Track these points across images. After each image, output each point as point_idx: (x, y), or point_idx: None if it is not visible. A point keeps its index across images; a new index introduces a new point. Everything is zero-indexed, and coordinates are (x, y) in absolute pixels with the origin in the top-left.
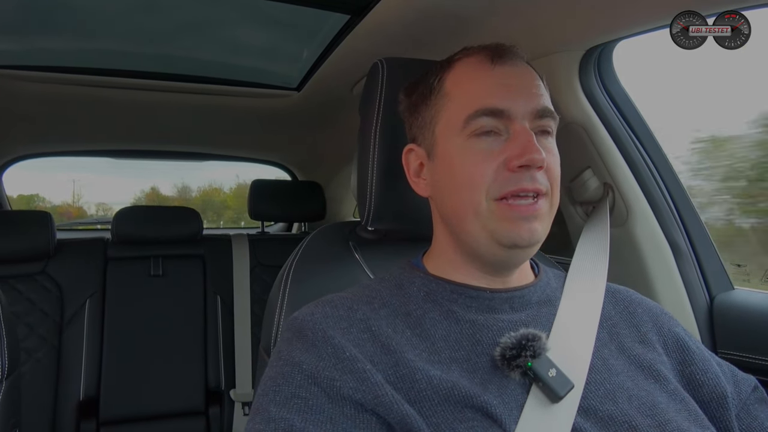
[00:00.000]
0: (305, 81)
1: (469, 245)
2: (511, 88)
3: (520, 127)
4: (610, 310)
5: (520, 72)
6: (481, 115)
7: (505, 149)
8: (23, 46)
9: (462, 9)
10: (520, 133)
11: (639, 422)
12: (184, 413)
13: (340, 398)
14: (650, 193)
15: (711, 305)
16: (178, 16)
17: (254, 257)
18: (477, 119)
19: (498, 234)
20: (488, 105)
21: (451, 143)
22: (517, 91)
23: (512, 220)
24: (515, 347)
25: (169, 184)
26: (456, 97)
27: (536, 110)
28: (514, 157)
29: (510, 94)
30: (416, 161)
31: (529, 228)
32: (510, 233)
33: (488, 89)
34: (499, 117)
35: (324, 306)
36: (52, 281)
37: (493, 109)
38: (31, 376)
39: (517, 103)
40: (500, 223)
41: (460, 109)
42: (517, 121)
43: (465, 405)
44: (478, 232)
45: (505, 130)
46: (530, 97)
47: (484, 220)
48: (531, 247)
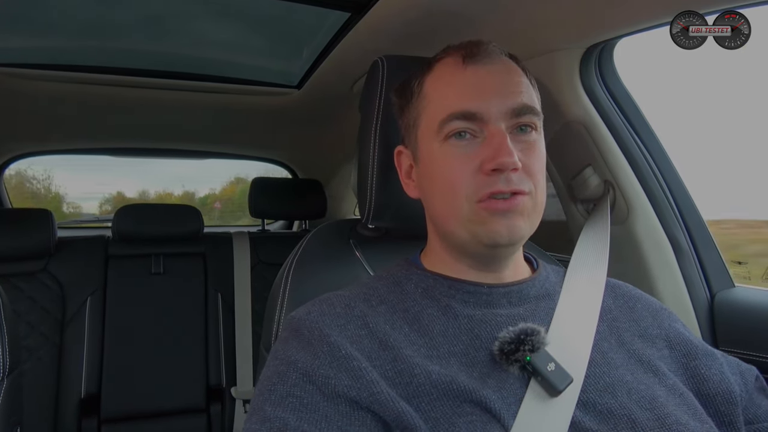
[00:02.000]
0: (305, 79)
1: (455, 244)
2: (483, 88)
3: (494, 129)
4: (610, 304)
5: (494, 71)
6: (453, 119)
7: (480, 152)
8: (24, 43)
9: (462, 6)
10: (494, 135)
11: (638, 416)
12: (185, 411)
13: (335, 396)
14: (651, 190)
15: (712, 302)
16: (178, 13)
17: (255, 255)
18: (450, 123)
19: (479, 235)
20: (460, 108)
21: (431, 147)
22: (489, 91)
23: (490, 218)
24: (514, 342)
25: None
26: (433, 100)
27: (512, 109)
28: (486, 161)
29: (482, 96)
30: (406, 162)
31: (507, 224)
32: (489, 233)
33: (460, 92)
34: (472, 120)
35: (321, 304)
36: (53, 279)
37: (464, 113)
38: (33, 374)
39: (490, 105)
40: (480, 223)
41: (435, 112)
42: (491, 122)
43: (464, 399)
44: (462, 234)
45: (480, 132)
46: (505, 96)
47: (465, 222)
48: (512, 244)
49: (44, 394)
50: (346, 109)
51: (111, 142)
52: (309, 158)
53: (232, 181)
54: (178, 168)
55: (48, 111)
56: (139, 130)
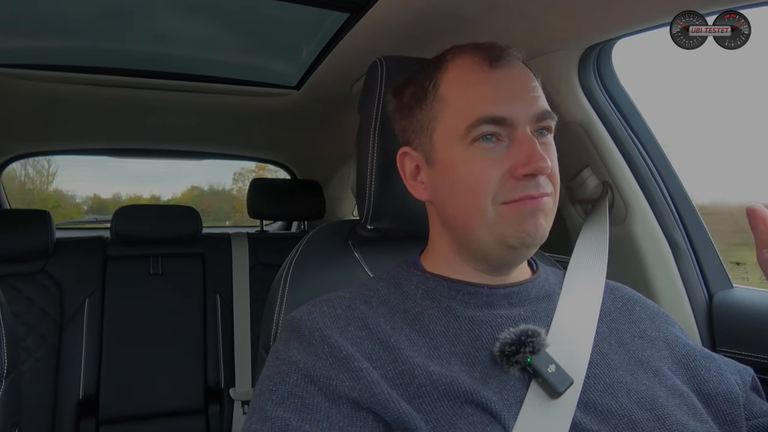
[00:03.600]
0: (304, 80)
1: (473, 248)
2: (511, 93)
3: (522, 134)
4: (609, 305)
5: (517, 75)
6: (483, 123)
7: (509, 156)
8: (22, 44)
9: (461, 7)
10: (523, 140)
11: (638, 416)
12: (183, 412)
13: (337, 397)
14: (649, 191)
15: (710, 303)
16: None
17: (254, 256)
18: (479, 127)
19: (506, 236)
20: (490, 113)
21: (453, 150)
22: (517, 96)
23: (519, 217)
24: (514, 343)
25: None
26: (454, 103)
27: (536, 114)
28: (519, 165)
29: (510, 100)
30: (412, 164)
31: (534, 223)
32: (518, 233)
33: (488, 96)
34: (500, 124)
35: (321, 305)
36: (51, 280)
37: (494, 117)
38: (31, 375)
39: (518, 110)
40: (508, 225)
41: (460, 116)
42: (519, 127)
43: (464, 400)
44: (484, 237)
45: (507, 136)
46: (529, 101)
47: (491, 225)
48: (536, 245)
49: (42, 395)
50: (345, 109)
51: (110, 142)
52: (308, 159)
53: (188, 189)
54: (149, 167)
55: (47, 111)
56: (138, 131)
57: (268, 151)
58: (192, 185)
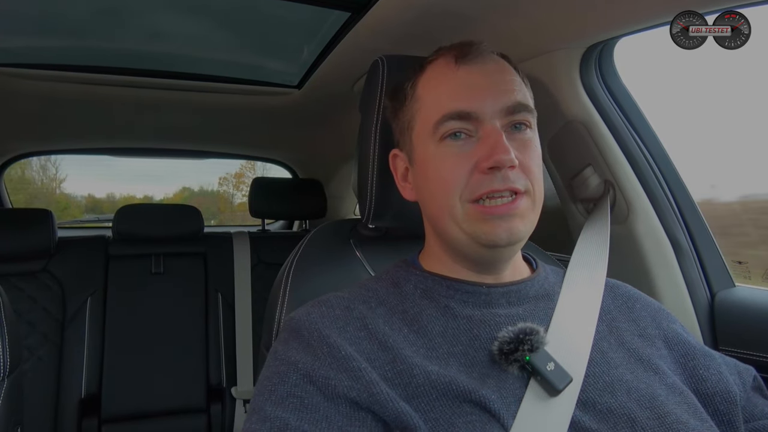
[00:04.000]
0: (306, 79)
1: (453, 245)
2: (477, 88)
3: (489, 128)
4: (609, 303)
5: (486, 70)
6: (448, 120)
7: (476, 151)
8: (21, 43)
9: (462, 6)
10: (489, 133)
11: (638, 414)
12: (185, 411)
13: (335, 397)
14: (651, 190)
15: (712, 302)
16: (176, 13)
17: (255, 255)
18: (445, 123)
19: (476, 235)
20: (454, 108)
21: (426, 149)
22: (483, 90)
23: (488, 220)
24: (513, 341)
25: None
26: (426, 101)
27: (506, 107)
28: (483, 159)
29: (476, 95)
30: (402, 166)
31: (507, 227)
32: (488, 234)
33: (453, 92)
34: (467, 119)
35: (320, 306)
36: (53, 279)
37: (459, 113)
38: (33, 374)
39: (484, 104)
40: (477, 224)
41: (429, 113)
42: (486, 121)
43: (463, 399)
44: (457, 234)
45: (475, 131)
46: (498, 94)
47: (460, 222)
48: (512, 245)
49: (45, 394)
50: (347, 109)
51: (111, 142)
52: (309, 158)
53: (180, 189)
54: (143, 166)
55: (48, 111)
56: (139, 130)
57: (269, 150)
58: (183, 186)
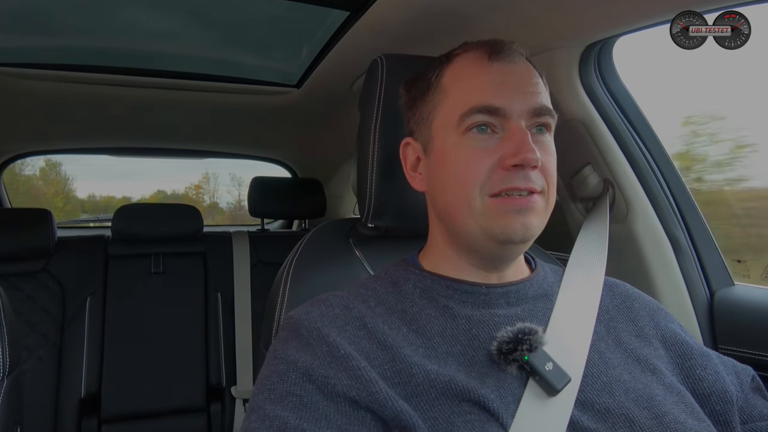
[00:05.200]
0: (305, 78)
1: (463, 240)
2: (508, 85)
3: (515, 126)
4: (607, 303)
5: (517, 69)
6: (476, 113)
7: (500, 147)
8: (24, 43)
9: (461, 5)
10: (516, 131)
11: (636, 414)
12: (185, 410)
13: (335, 395)
14: (650, 189)
15: (711, 301)
16: (176, 13)
17: (255, 254)
18: (472, 116)
19: (492, 230)
20: (484, 102)
21: (447, 139)
22: (513, 89)
23: (506, 213)
24: (512, 341)
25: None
26: (452, 93)
27: (533, 109)
28: (508, 156)
29: (506, 92)
30: (413, 155)
31: (522, 222)
32: (504, 228)
33: (484, 86)
34: (494, 114)
35: (319, 305)
36: (53, 279)
37: (488, 107)
38: (33, 374)
39: (513, 102)
40: (494, 218)
41: (456, 105)
42: (513, 119)
43: (462, 399)
44: (472, 228)
45: (501, 128)
46: (527, 95)
47: (477, 216)
48: (525, 242)
49: (44, 393)
50: (346, 108)
51: (111, 141)
52: (308, 157)
53: (155, 192)
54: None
55: (48, 111)
56: (138, 130)
57: (268, 150)
58: (158, 189)
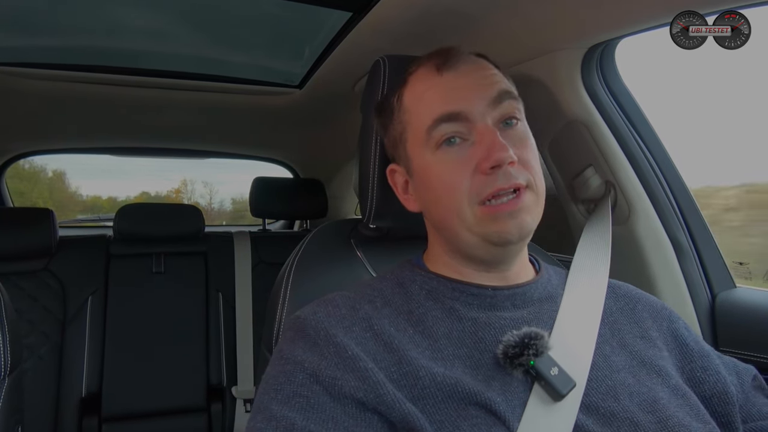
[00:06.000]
0: (307, 78)
1: (463, 249)
2: (462, 88)
3: (482, 127)
4: (611, 305)
5: (467, 70)
6: (440, 123)
7: (474, 154)
8: (24, 42)
9: (464, 6)
10: (483, 133)
11: (640, 418)
12: (185, 410)
13: (342, 397)
14: (652, 190)
15: (713, 303)
16: (177, 13)
17: (256, 254)
18: (437, 128)
19: (488, 236)
20: (444, 111)
21: (423, 158)
22: (467, 89)
23: (498, 219)
24: (518, 346)
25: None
26: (414, 111)
27: (491, 98)
28: (482, 160)
29: (462, 95)
30: (401, 179)
31: (516, 224)
32: (499, 233)
33: (440, 96)
34: (458, 120)
35: (326, 305)
36: (54, 278)
37: (449, 114)
38: (34, 373)
39: (472, 102)
40: (487, 225)
41: (420, 122)
42: (478, 120)
43: (468, 402)
44: (468, 237)
45: (469, 134)
46: (482, 89)
47: (471, 226)
48: (523, 240)
49: (45, 393)
50: (348, 108)
51: (112, 141)
52: (310, 158)
53: (139, 193)
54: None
55: (48, 111)
56: (139, 130)
57: (270, 150)
58: (142, 191)
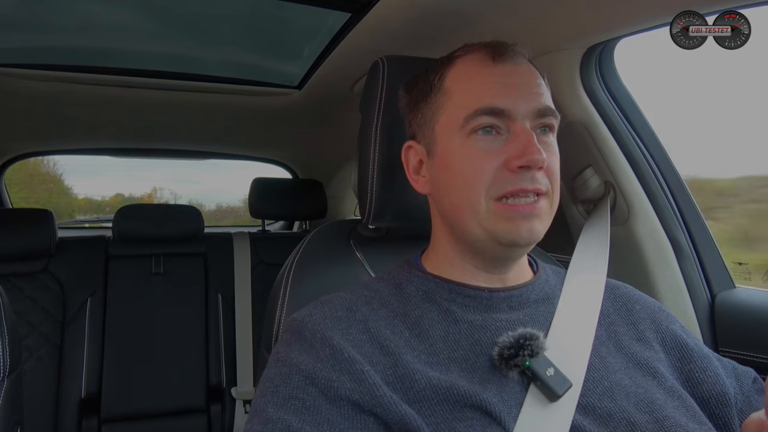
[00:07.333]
0: (306, 79)
1: (468, 242)
2: (512, 87)
3: (520, 127)
4: (608, 307)
5: (521, 70)
6: (481, 114)
7: (506, 149)
8: (24, 43)
9: (463, 6)
10: (521, 133)
11: (637, 419)
12: (185, 411)
13: (338, 399)
14: (651, 191)
15: (712, 303)
16: (177, 13)
17: (255, 255)
18: (477, 118)
19: (497, 233)
20: (488, 104)
21: (451, 142)
22: (517, 90)
23: (511, 219)
24: (513, 347)
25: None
26: (456, 95)
27: (537, 109)
28: (514, 158)
29: (510, 93)
30: (416, 158)
31: (528, 227)
32: (509, 233)
33: (488, 88)
34: (499, 116)
35: (323, 307)
36: (53, 279)
37: (493, 109)
38: (33, 374)
39: (518, 103)
40: (499, 222)
41: (460, 107)
42: (518, 120)
43: (464, 404)
44: (477, 231)
45: (506, 129)
46: (531, 96)
47: (482, 219)
48: (530, 245)
49: (44, 394)
50: (347, 109)
51: (112, 142)
52: (309, 158)
53: (114, 195)
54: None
55: (48, 111)
56: (139, 131)
57: (269, 151)
58: (116, 192)
